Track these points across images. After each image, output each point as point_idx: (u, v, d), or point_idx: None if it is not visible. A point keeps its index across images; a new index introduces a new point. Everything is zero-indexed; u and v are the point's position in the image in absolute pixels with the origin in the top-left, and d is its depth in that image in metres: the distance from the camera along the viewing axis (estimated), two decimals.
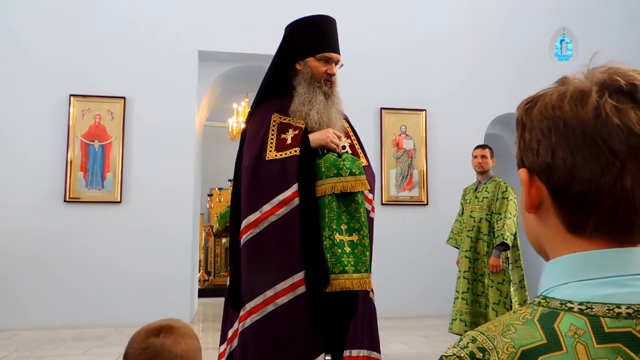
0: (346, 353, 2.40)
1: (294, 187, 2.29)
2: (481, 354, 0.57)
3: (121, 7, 6.17)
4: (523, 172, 0.64)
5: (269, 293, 2.24)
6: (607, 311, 0.56)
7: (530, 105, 0.65)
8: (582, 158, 0.58)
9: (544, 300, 0.60)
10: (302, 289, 2.24)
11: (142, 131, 6.03)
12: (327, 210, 2.27)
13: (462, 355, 0.58)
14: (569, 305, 0.58)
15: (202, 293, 8.46)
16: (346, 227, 2.30)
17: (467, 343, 0.59)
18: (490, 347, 0.57)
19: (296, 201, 2.28)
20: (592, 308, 0.57)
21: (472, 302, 4.25)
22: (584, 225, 0.60)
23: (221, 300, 2.94)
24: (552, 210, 0.62)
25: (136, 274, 5.79)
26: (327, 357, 2.36)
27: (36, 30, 5.96)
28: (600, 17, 7.22)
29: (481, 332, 0.59)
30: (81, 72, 5.99)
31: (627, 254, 0.59)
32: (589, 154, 0.58)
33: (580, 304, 0.57)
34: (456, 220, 4.69)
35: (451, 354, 0.59)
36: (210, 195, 11.35)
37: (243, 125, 3.11)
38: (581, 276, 0.59)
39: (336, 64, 2.48)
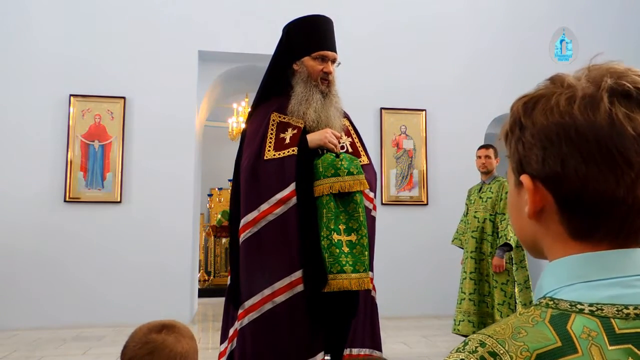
0: (347, 351, 2.39)
1: (292, 187, 2.29)
2: (492, 359, 0.54)
3: (121, 7, 6.17)
4: (526, 179, 0.61)
5: (267, 292, 2.25)
6: (616, 312, 0.56)
7: (528, 104, 0.62)
8: (597, 169, 0.56)
9: (552, 302, 0.59)
10: (299, 288, 2.24)
11: (142, 131, 6.03)
12: (325, 211, 2.27)
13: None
14: (579, 306, 0.57)
15: (202, 293, 8.45)
16: (344, 227, 2.30)
17: (476, 347, 0.56)
18: (502, 352, 0.54)
19: (294, 200, 2.28)
20: (602, 309, 0.56)
21: (479, 302, 4.23)
22: (591, 233, 0.59)
23: (221, 300, 2.94)
24: (556, 217, 0.61)
25: (136, 274, 5.79)
26: (326, 357, 2.35)
27: (36, 31, 5.96)
28: (600, 17, 7.22)
29: (489, 336, 0.57)
30: (81, 72, 5.99)
31: (631, 254, 0.58)
32: (604, 165, 0.56)
33: (590, 305, 0.57)
34: (461, 220, 4.68)
35: (459, 358, 0.56)
36: (210, 195, 11.34)
37: (243, 125, 3.11)
38: (587, 277, 0.58)
39: (333, 62, 2.47)
